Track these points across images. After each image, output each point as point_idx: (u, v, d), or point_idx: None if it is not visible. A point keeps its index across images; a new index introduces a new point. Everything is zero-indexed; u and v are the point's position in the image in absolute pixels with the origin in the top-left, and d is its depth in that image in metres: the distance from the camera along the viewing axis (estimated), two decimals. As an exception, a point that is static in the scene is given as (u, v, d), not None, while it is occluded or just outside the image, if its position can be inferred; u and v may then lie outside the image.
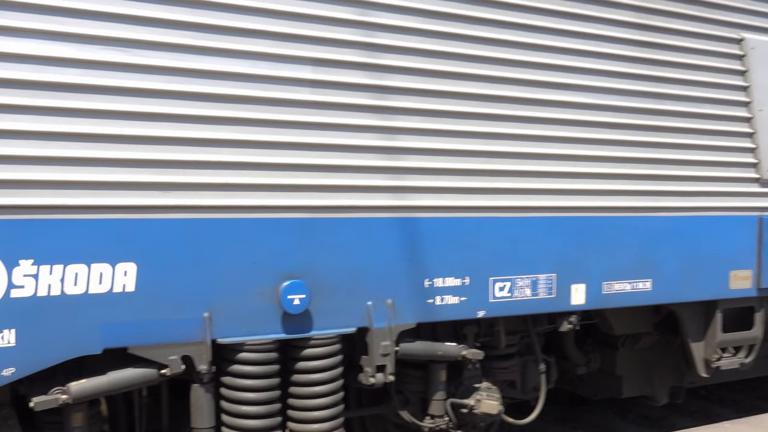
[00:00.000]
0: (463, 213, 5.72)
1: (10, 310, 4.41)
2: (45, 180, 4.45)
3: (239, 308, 5.04)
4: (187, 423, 5.54)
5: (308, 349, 5.28)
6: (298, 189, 5.16)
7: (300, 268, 5.20)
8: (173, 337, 4.87)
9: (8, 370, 4.44)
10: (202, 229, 4.90)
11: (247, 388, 5.10)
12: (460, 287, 5.74)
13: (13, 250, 4.40)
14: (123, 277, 4.70)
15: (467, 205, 5.73)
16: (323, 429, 5.33)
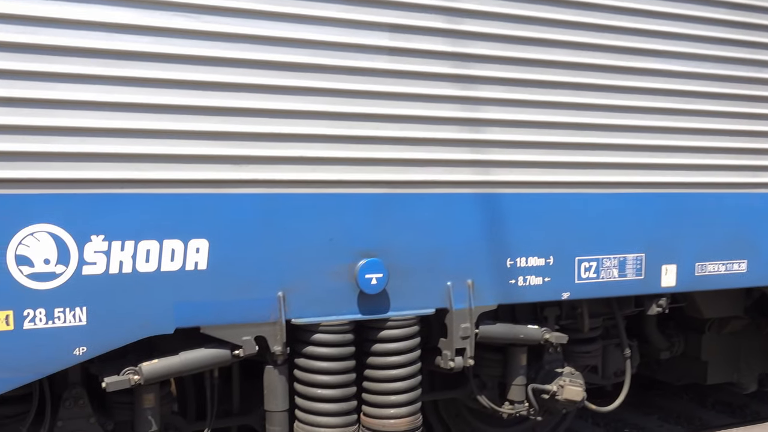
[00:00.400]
0: (548, 189, 5.37)
1: (81, 287, 4.24)
2: (116, 153, 4.25)
3: (314, 287, 4.80)
4: (257, 404, 5.37)
5: (385, 331, 5.02)
6: (376, 163, 4.87)
7: (377, 246, 4.93)
8: (246, 317, 4.66)
9: (80, 350, 4.29)
10: (277, 204, 4.66)
11: (322, 371, 4.88)
12: (543, 267, 5.41)
13: (85, 226, 4.22)
14: (195, 255, 4.49)
15: (553, 180, 5.37)
16: (400, 414, 5.08)
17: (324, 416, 4.90)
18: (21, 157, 4.06)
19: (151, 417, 4.74)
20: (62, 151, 4.13)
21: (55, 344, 4.22)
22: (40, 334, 4.19)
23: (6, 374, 4.15)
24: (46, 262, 4.16)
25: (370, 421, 5.13)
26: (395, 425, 5.07)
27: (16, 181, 4.06)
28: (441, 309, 5.19)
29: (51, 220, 4.14)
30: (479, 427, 6.49)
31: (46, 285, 4.18)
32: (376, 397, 5.10)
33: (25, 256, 4.11)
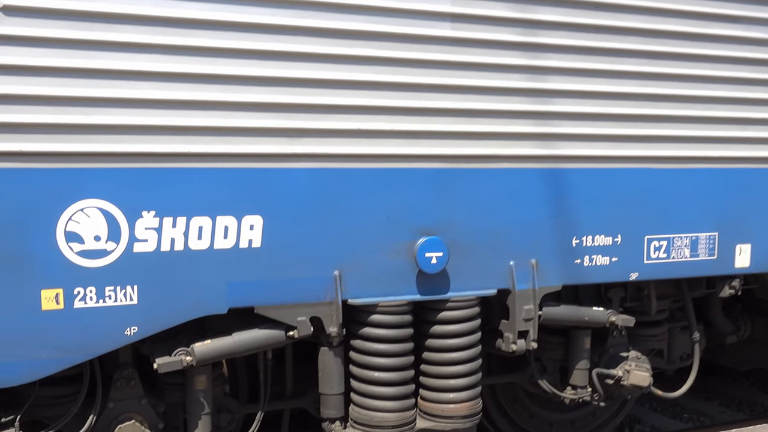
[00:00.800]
0: (617, 163, 5.06)
1: (132, 265, 4.07)
2: (168, 125, 4.06)
3: (371, 267, 4.58)
4: (311, 386, 5.18)
5: (445, 312, 4.78)
6: (436, 136, 4.61)
7: (437, 224, 4.68)
8: (302, 297, 4.46)
9: (131, 330, 4.13)
10: (333, 179, 4.43)
11: (379, 353, 4.66)
12: (611, 247, 5.11)
13: (136, 201, 4.04)
14: (249, 232, 4.29)
15: (622, 154, 5.06)
16: (460, 398, 4.85)
17: (381, 400, 4.69)
18: (70, 130, 3.88)
19: (203, 399, 4.58)
20: (113, 123, 3.95)
21: (106, 324, 4.06)
22: (91, 313, 4.03)
23: (56, 354, 4.01)
24: (96, 239, 3.99)
25: (429, 405, 4.91)
26: (454, 410, 4.84)
27: (66, 154, 3.88)
28: (503, 289, 4.93)
29: (101, 195, 3.97)
30: (538, 411, 6.25)
31: (97, 263, 4.01)
32: (435, 380, 4.87)
33: (75, 233, 3.95)
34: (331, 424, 4.78)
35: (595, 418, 6.52)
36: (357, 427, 4.74)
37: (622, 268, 5.16)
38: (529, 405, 6.20)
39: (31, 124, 3.81)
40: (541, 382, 5.51)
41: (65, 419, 4.36)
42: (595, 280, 5.13)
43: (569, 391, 5.56)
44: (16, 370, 3.94)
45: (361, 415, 4.72)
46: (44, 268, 3.91)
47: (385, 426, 4.68)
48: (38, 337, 3.95)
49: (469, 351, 4.86)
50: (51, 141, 3.84)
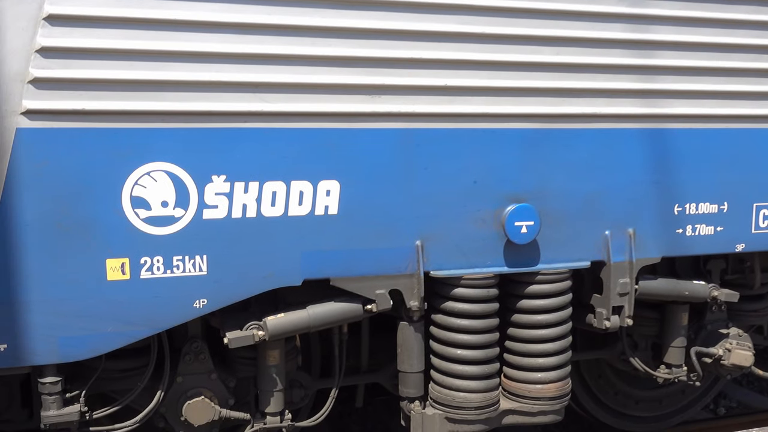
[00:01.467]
0: (726, 123, 4.56)
1: (201, 233, 3.76)
2: (239, 82, 3.70)
3: (456, 236, 4.19)
4: (387, 361, 4.86)
5: (535, 286, 4.38)
6: (528, 93, 4.17)
7: (528, 190, 4.26)
8: (381, 268, 4.10)
9: (200, 302, 3.83)
10: (416, 141, 4.04)
11: (463, 329, 4.29)
12: (716, 215, 4.63)
13: (205, 165, 3.72)
14: (325, 198, 3.93)
15: (731, 113, 4.55)
16: (549, 378, 4.46)
17: (464, 379, 4.33)
18: (136, 86, 3.56)
19: (276, 375, 4.28)
20: (182, 79, 3.61)
21: (174, 296, 3.77)
22: (158, 284, 3.74)
23: (122, 327, 3.74)
24: (163, 205, 3.68)
25: (513, 385, 4.53)
26: (542, 391, 4.46)
27: (131, 113, 3.57)
28: (596, 261, 4.49)
29: (169, 157, 3.65)
30: (624, 389, 5.83)
31: (164, 230, 3.71)
32: (522, 359, 4.49)
33: (141, 198, 3.64)
34: (410, 403, 4.45)
35: (684, 396, 6.09)
36: (437, 406, 4.40)
37: (727, 238, 4.68)
38: (615, 382, 5.80)
39: (95, 80, 3.50)
40: (633, 360, 5.09)
41: (132, 394, 4.11)
42: (697, 251, 4.67)
43: (663, 370, 5.13)
44: (81, 344, 3.69)
45: (442, 395, 4.37)
46: (109, 236, 3.62)
47: (467, 407, 4.32)
48: (103, 309, 3.68)
49: (560, 328, 4.46)
50: (115, 99, 3.53)
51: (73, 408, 3.88)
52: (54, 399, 3.80)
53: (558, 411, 4.54)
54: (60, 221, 3.54)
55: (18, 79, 3.39)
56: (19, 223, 3.48)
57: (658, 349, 5.19)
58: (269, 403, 4.33)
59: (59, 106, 3.45)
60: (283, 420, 4.38)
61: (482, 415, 4.35)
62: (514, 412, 4.52)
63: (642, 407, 6.02)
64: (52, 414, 3.80)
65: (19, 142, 3.42)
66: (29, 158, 3.45)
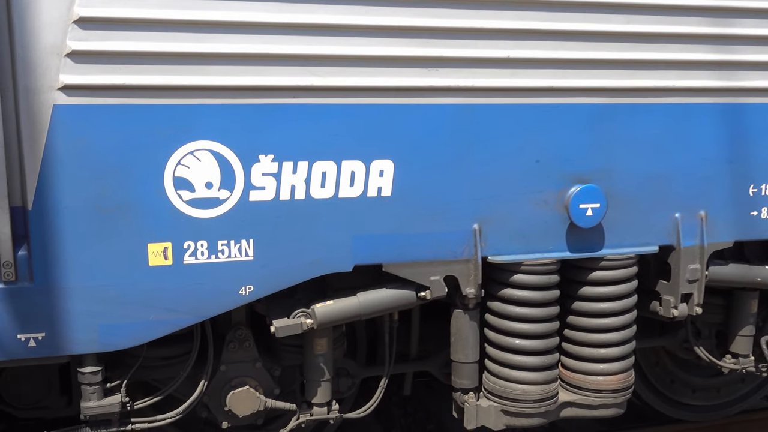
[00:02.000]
0: (808, 97, 4.23)
1: (248, 216, 3.55)
2: (288, 54, 3.46)
3: (515, 219, 3.95)
4: (437, 348, 4.66)
5: (599, 272, 4.12)
6: (595, 65, 3.89)
7: (593, 170, 4.00)
8: (436, 253, 3.87)
9: (246, 289, 3.63)
10: (474, 117, 3.78)
11: (522, 318, 4.05)
12: (795, 196, 4.32)
13: (252, 143, 3.50)
14: (378, 179, 3.70)
15: (813, 86, 4.22)
16: (612, 370, 4.23)
17: (522, 371, 4.11)
18: (179, 59, 3.33)
19: (323, 364, 4.10)
20: (227, 51, 3.38)
21: (219, 282, 3.58)
22: (202, 269, 3.55)
23: (164, 315, 3.55)
24: (208, 186, 3.48)
25: (573, 376, 4.30)
26: (605, 383, 4.23)
27: (174, 88, 3.35)
28: (664, 246, 4.23)
29: (214, 136, 3.44)
30: (682, 377, 5.58)
31: (209, 213, 3.51)
32: (583, 349, 4.25)
33: (184, 179, 3.44)
34: (463, 394, 4.23)
35: (744, 384, 5.82)
36: (492, 398, 4.19)
37: (806, 221, 4.38)
38: (673, 369, 5.54)
39: (136, 53, 3.27)
40: (697, 349, 4.83)
41: (175, 383, 3.94)
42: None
43: (729, 360, 4.86)
44: (122, 332, 3.51)
45: (498, 386, 4.15)
46: (151, 219, 3.43)
47: (525, 399, 4.10)
48: (145, 296, 3.50)
49: (625, 316, 4.22)
50: (158, 73, 3.31)
51: (114, 398, 3.72)
52: (94, 389, 3.64)
53: (621, 404, 4.31)
54: (99, 203, 3.35)
55: (54, 52, 3.18)
56: (57, 206, 3.30)
57: (723, 337, 4.92)
58: (316, 393, 4.14)
59: (98, 81, 3.24)
60: (330, 411, 4.19)
61: (541, 408, 4.13)
62: (573, 405, 4.30)
63: (699, 396, 5.76)
64: (93, 405, 3.65)
65: (57, 120, 3.23)
66: (67, 137, 3.25)
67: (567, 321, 4.27)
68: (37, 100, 3.20)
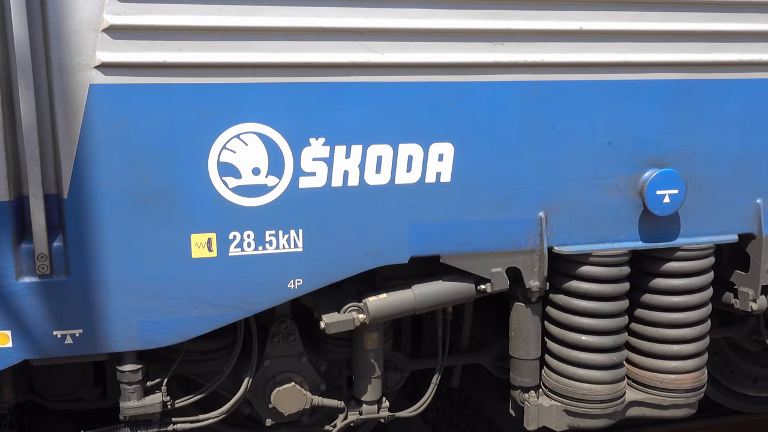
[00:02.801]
0: None
1: (297, 204, 3.33)
2: (342, 28, 3.21)
3: (584, 207, 3.70)
4: (489, 340, 4.46)
5: (673, 263, 3.87)
6: (675, 37, 3.61)
7: (670, 152, 3.73)
8: (498, 243, 3.64)
9: (295, 282, 3.43)
10: (543, 95, 3.53)
11: (590, 313, 3.81)
12: None
13: (302, 126, 3.26)
14: (437, 163, 3.46)
15: None
16: (685, 368, 3.99)
17: (589, 369, 3.88)
18: (224, 34, 3.10)
19: (374, 360, 3.90)
20: (275, 25, 3.14)
21: (266, 275, 3.37)
22: (248, 262, 3.34)
23: (208, 311, 3.36)
24: (255, 173, 3.26)
25: (641, 374, 4.07)
26: (677, 382, 3.99)
27: (219, 66, 3.12)
28: (743, 234, 3.96)
29: (261, 117, 3.21)
30: (742, 367, 5.33)
31: (256, 201, 3.30)
32: (654, 345, 4.01)
33: (230, 165, 3.22)
34: (523, 393, 4.02)
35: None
36: (555, 397, 3.97)
37: None
38: (734, 359, 5.29)
39: (178, 28, 3.04)
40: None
41: (218, 380, 3.76)
42: None
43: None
44: (163, 329, 3.33)
45: (561, 385, 3.93)
46: (194, 207, 3.22)
47: (592, 400, 3.87)
48: (188, 290, 3.30)
49: (700, 311, 3.97)
50: (202, 49, 3.08)
51: (155, 398, 3.55)
52: (134, 389, 3.47)
53: (693, 404, 4.07)
54: (139, 191, 3.15)
55: (91, 27, 2.96)
56: (94, 194, 3.10)
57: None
58: (366, 391, 3.95)
59: (138, 59, 3.02)
60: (380, 409, 4.00)
61: (608, 409, 3.91)
62: (641, 404, 4.07)
63: (760, 386, 5.52)
64: (133, 405, 3.48)
65: (93, 100, 3.01)
66: (104, 119, 3.04)
67: (636, 314, 4.03)
68: (72, 79, 2.99)
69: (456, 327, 4.44)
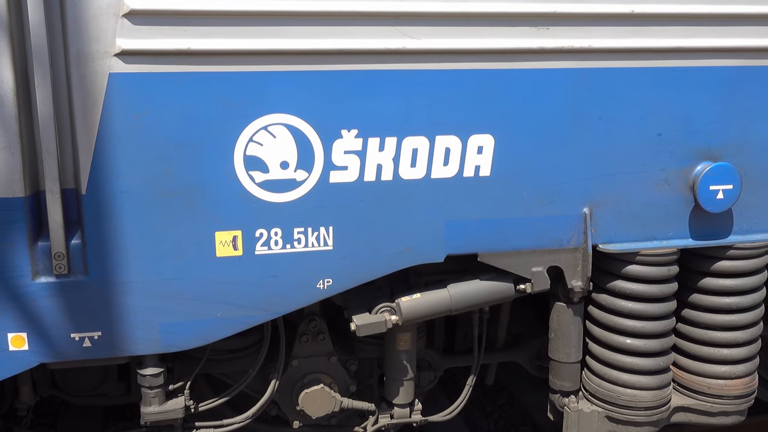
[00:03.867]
0: None
1: (327, 200, 3.20)
2: (375, 12, 3.06)
3: (631, 202, 3.53)
4: (526, 336, 4.32)
5: (725, 262, 3.69)
6: (732, 20, 3.42)
7: (725, 144, 3.55)
8: (539, 241, 3.49)
9: (324, 282, 3.30)
10: (590, 83, 3.36)
11: (636, 315, 3.65)
12: None
13: (333, 117, 3.12)
14: (476, 156, 3.31)
15: None
16: (735, 373, 3.82)
17: (634, 374, 3.72)
18: (251, 19, 2.95)
19: (407, 362, 3.78)
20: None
21: (294, 275, 3.25)
22: (275, 261, 3.21)
23: (233, 312, 3.24)
24: (283, 167, 3.12)
25: (688, 378, 3.91)
26: (726, 387, 3.83)
27: (245, 53, 2.97)
28: (800, 231, 3.77)
29: (290, 108, 3.07)
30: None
31: (284, 197, 3.16)
32: (702, 348, 3.84)
33: (257, 158, 3.09)
34: (563, 397, 3.87)
35: None
36: (596, 403, 3.82)
37: None
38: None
39: (202, 12, 2.90)
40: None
41: (243, 383, 3.65)
42: None
43: None
44: (186, 331, 3.21)
45: (603, 389, 3.78)
46: (219, 203, 3.09)
47: (636, 407, 3.72)
48: (212, 290, 3.18)
49: (753, 312, 3.80)
50: (227, 35, 2.94)
51: (177, 402, 3.44)
52: (155, 393, 3.36)
53: (742, 412, 3.91)
54: (161, 186, 3.02)
55: (110, 12, 2.82)
56: (114, 189, 2.98)
57: None
58: (398, 393, 3.84)
59: (160, 46, 2.88)
60: (412, 412, 3.88)
61: (653, 416, 3.75)
62: (687, 410, 3.91)
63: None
64: (155, 411, 3.37)
65: (113, 90, 2.88)
66: (125, 110, 2.91)
67: (684, 315, 3.86)
68: (91, 67, 2.86)
69: (492, 322, 4.29)
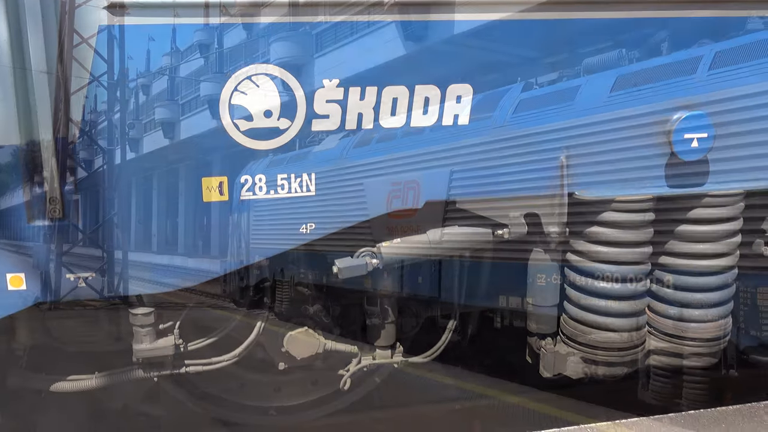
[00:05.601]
0: None
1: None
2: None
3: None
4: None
5: (699, 210, 3.89)
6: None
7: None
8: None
9: (307, 227, 3.50)
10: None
11: (608, 260, 3.87)
12: None
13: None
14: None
15: None
16: (709, 317, 4.04)
17: (608, 316, 3.95)
18: None
19: (388, 305, 4.02)
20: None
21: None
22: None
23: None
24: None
25: (663, 322, 4.12)
26: (700, 330, 4.05)
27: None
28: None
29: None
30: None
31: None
32: (677, 293, 4.06)
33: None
34: (540, 339, 4.13)
35: None
36: (572, 344, 4.07)
37: None
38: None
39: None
40: None
41: (230, 325, 3.90)
42: None
43: None
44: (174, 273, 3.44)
45: (578, 332, 4.02)
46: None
47: (609, 348, 3.97)
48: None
49: (726, 259, 4.01)
50: None
51: (168, 341, 3.70)
52: (146, 331, 3.63)
53: (715, 354, 4.15)
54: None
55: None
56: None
57: None
58: (379, 336, 4.08)
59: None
60: (393, 354, 4.14)
61: (626, 357, 4.01)
62: (661, 353, 4.15)
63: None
64: (145, 348, 3.63)
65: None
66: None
67: (660, 262, 4.08)
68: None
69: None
